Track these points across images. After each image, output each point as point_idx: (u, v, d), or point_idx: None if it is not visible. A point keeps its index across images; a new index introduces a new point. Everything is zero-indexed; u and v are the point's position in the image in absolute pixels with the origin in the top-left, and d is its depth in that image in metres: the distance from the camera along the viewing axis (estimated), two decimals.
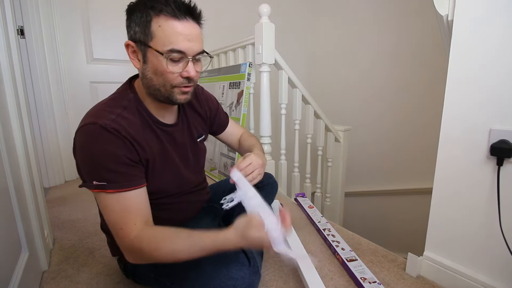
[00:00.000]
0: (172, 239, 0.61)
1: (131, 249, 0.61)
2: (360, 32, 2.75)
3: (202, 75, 2.12)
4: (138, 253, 0.61)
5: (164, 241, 0.60)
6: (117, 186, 0.60)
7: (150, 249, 0.59)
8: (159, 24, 0.60)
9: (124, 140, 0.61)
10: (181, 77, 0.65)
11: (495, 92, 0.68)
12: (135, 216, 0.61)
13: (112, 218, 0.61)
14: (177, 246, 0.60)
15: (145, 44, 0.62)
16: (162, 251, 0.59)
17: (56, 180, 1.85)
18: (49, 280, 0.88)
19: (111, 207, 0.61)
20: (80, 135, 0.61)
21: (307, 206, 1.33)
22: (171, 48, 0.61)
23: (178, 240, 0.60)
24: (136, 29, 0.63)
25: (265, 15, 1.40)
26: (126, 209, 0.61)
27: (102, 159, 0.59)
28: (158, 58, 0.62)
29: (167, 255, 0.60)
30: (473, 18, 0.71)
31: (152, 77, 0.65)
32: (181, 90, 0.67)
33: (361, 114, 2.81)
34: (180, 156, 0.78)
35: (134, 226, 0.60)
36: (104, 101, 0.68)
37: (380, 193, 2.78)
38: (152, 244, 0.59)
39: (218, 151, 1.80)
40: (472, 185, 0.75)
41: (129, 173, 0.62)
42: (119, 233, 0.61)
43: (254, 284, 0.70)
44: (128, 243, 0.61)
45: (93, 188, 0.60)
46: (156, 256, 0.60)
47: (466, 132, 0.75)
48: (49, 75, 1.74)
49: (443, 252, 0.83)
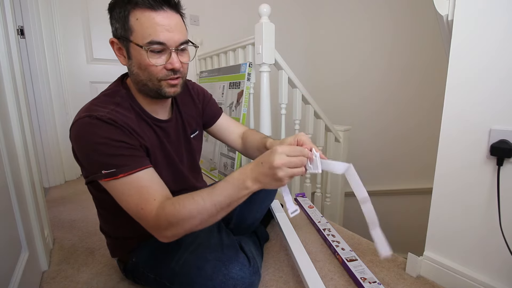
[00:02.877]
0: (191, 197, 0.57)
1: (159, 224, 0.58)
2: (358, 31, 2.76)
3: (202, 75, 2.12)
4: (166, 226, 0.57)
5: (185, 201, 0.57)
6: (127, 169, 0.58)
7: (175, 215, 0.56)
8: (136, 17, 0.60)
9: (122, 128, 0.60)
10: (165, 69, 0.64)
11: (495, 92, 0.68)
12: (153, 193, 0.59)
13: (131, 203, 0.59)
14: (199, 202, 0.56)
15: (126, 39, 0.62)
16: (186, 210, 0.56)
17: (56, 180, 1.85)
18: (49, 280, 0.88)
19: (127, 192, 0.59)
20: (76, 128, 0.60)
21: (307, 206, 1.33)
22: (150, 40, 0.60)
23: (197, 197, 0.57)
24: (116, 25, 0.63)
25: (265, 15, 1.40)
26: (142, 189, 0.58)
27: (105, 147, 0.58)
28: (140, 52, 0.62)
29: (192, 216, 0.56)
30: (473, 18, 0.71)
31: (138, 72, 0.65)
32: (168, 83, 0.65)
33: (361, 113, 2.81)
34: (175, 151, 0.78)
35: (154, 202, 0.58)
36: (96, 97, 0.67)
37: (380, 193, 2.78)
38: (176, 208, 0.56)
39: (218, 151, 1.80)
40: (472, 185, 0.75)
41: (135, 155, 0.61)
42: (142, 214, 0.58)
43: (254, 284, 0.70)
44: (153, 219, 0.57)
45: (103, 178, 0.58)
46: (182, 220, 0.56)
47: (466, 132, 0.75)
48: (49, 75, 1.74)
49: (443, 252, 0.83)
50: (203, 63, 2.24)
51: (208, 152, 1.90)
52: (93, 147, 0.58)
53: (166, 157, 0.74)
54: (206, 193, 0.58)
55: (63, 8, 1.78)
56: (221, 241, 0.75)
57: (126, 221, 0.76)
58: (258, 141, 0.85)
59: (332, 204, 2.10)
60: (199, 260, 0.68)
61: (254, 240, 0.93)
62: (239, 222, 0.93)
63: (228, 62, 1.84)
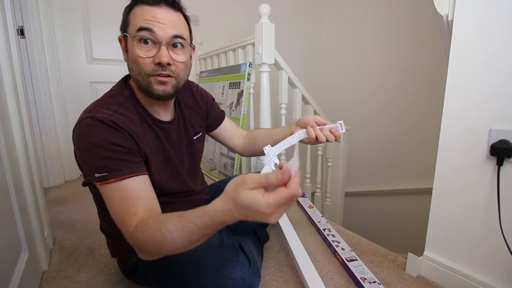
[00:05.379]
0: (164, 221, 0.50)
1: (133, 242, 0.54)
2: (359, 30, 2.76)
3: (202, 75, 2.12)
4: (138, 247, 0.54)
5: (156, 226, 0.50)
6: (119, 174, 0.57)
7: (144, 238, 0.51)
8: (133, 12, 0.63)
9: (122, 131, 0.60)
10: (153, 63, 0.63)
11: (495, 92, 0.68)
12: (136, 205, 0.56)
13: (116, 211, 0.57)
14: (171, 227, 0.49)
15: (124, 33, 0.65)
16: (157, 236, 0.49)
17: (56, 180, 1.85)
18: (49, 280, 0.88)
19: (113, 198, 0.57)
20: (78, 129, 0.61)
21: (307, 206, 1.33)
22: (139, 27, 0.61)
23: (170, 222, 0.50)
24: (121, 23, 0.67)
25: (265, 15, 1.40)
26: (126, 198, 0.56)
27: (102, 149, 0.57)
28: (132, 43, 0.63)
29: (158, 244, 0.49)
30: (473, 18, 0.71)
31: (132, 66, 0.66)
32: (156, 79, 0.64)
33: (361, 113, 2.81)
34: (175, 154, 0.78)
35: (135, 216, 0.55)
36: (100, 98, 0.67)
37: (380, 193, 2.78)
38: (146, 234, 0.51)
39: (218, 151, 1.80)
40: (472, 185, 0.75)
41: (129, 160, 0.60)
42: (122, 226, 0.56)
43: (255, 284, 0.70)
44: (129, 235, 0.54)
45: (95, 181, 0.58)
46: (151, 245, 0.51)
47: (466, 132, 0.75)
48: (49, 75, 1.74)
49: (443, 252, 0.83)
50: (203, 63, 2.24)
51: (208, 152, 1.90)
52: (91, 148, 0.58)
53: (167, 159, 0.74)
54: (181, 221, 0.49)
55: (63, 8, 1.78)
56: (221, 242, 0.75)
57: None
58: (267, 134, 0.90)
59: (332, 204, 2.10)
60: (199, 261, 0.68)
61: (254, 240, 0.93)
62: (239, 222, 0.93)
63: (228, 62, 1.84)
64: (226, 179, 1.17)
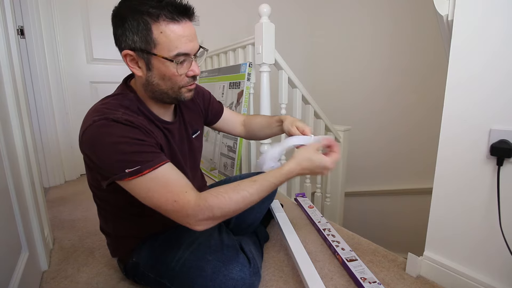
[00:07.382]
0: (237, 186, 0.64)
1: (197, 214, 0.59)
2: (359, 30, 2.76)
3: (202, 75, 2.12)
4: (208, 216, 0.60)
5: (231, 190, 0.62)
6: (152, 164, 0.58)
7: (220, 207, 0.60)
8: (160, 30, 0.60)
9: (139, 128, 0.61)
10: (187, 77, 0.67)
11: (495, 92, 0.68)
12: (180, 185, 0.60)
13: (161, 197, 0.59)
14: (249, 189, 0.63)
15: (148, 52, 0.62)
16: (233, 203, 0.61)
17: (56, 180, 1.85)
18: (49, 280, 0.88)
19: (152, 188, 0.58)
20: (92, 131, 0.59)
21: (307, 206, 1.33)
22: (177, 53, 0.62)
23: (244, 185, 0.64)
24: (134, 38, 0.62)
25: (265, 15, 1.40)
26: (167, 183, 0.59)
27: (127, 145, 0.58)
28: (165, 64, 0.63)
29: (238, 203, 0.62)
30: (473, 18, 0.71)
31: (159, 82, 0.66)
32: (187, 88, 0.69)
33: (361, 113, 2.81)
34: (180, 152, 0.79)
35: (187, 193, 0.59)
36: (104, 102, 0.66)
37: (380, 193, 2.78)
38: (221, 197, 0.60)
39: (218, 151, 1.80)
40: (472, 185, 0.75)
41: (155, 151, 0.61)
42: (175, 206, 0.58)
43: (255, 284, 0.70)
44: (191, 208, 0.58)
45: (127, 177, 0.57)
46: (227, 206, 0.61)
47: (466, 132, 0.75)
48: (49, 75, 1.74)
49: (443, 252, 0.83)
50: (203, 63, 2.24)
51: (208, 152, 1.90)
52: (114, 147, 0.57)
53: (173, 157, 0.75)
54: (256, 186, 0.65)
55: (63, 8, 1.78)
56: (222, 242, 0.75)
57: (127, 221, 0.77)
58: (266, 120, 0.99)
59: (332, 204, 2.10)
60: (199, 261, 0.68)
61: (254, 240, 0.93)
62: (239, 222, 0.93)
63: (228, 62, 1.84)
64: (226, 179, 1.17)
